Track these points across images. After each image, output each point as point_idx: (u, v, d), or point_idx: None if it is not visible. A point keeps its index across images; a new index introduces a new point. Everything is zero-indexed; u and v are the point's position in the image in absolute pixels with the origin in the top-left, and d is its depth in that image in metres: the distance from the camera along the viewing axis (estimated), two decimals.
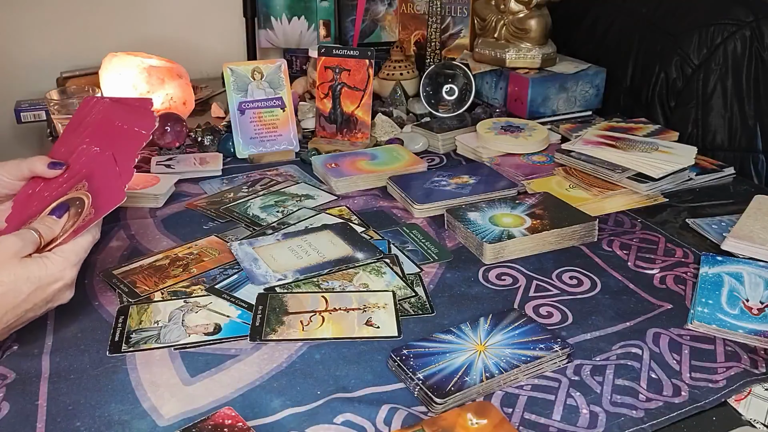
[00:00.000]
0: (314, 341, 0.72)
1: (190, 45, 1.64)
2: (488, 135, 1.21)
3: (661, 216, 0.99)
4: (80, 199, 0.74)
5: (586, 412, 0.63)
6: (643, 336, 0.73)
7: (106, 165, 0.77)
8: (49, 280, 0.66)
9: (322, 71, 1.26)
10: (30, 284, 0.65)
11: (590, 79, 1.37)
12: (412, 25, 1.59)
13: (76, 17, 1.54)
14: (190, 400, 0.64)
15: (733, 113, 1.23)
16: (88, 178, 0.77)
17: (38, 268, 0.66)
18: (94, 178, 0.77)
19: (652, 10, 1.38)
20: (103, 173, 0.77)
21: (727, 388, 0.65)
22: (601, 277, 0.84)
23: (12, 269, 0.64)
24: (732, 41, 1.22)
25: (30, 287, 0.65)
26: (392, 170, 1.11)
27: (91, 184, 0.76)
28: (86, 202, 0.74)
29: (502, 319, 0.73)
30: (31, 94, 1.45)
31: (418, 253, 0.89)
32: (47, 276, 0.66)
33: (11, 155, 0.81)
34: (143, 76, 1.28)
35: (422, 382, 0.64)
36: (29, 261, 0.66)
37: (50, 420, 0.61)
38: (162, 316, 0.75)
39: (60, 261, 0.67)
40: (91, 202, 0.74)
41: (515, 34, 1.38)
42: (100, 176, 0.77)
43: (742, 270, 0.82)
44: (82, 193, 0.75)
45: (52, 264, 0.67)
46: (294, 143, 1.23)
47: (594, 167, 1.09)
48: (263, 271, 0.83)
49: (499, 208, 0.96)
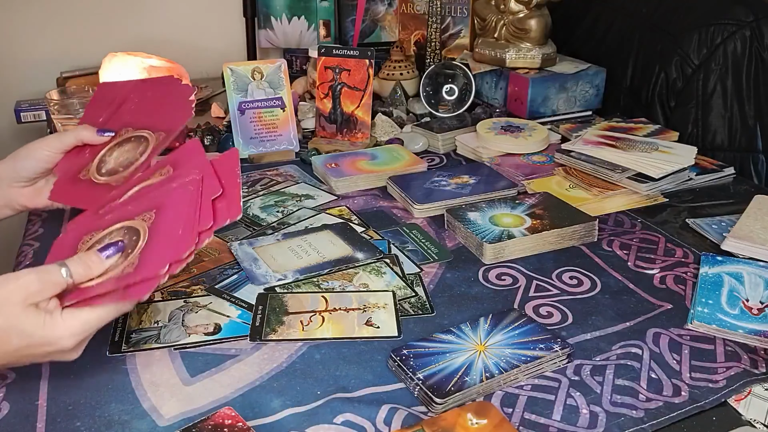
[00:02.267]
0: (314, 341, 0.72)
1: (190, 45, 1.64)
2: (488, 135, 1.21)
3: (661, 216, 0.99)
4: (137, 234, 0.65)
5: (586, 412, 0.63)
6: (643, 336, 0.73)
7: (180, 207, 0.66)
8: (41, 341, 0.59)
9: (322, 71, 1.26)
10: (20, 339, 0.58)
11: (590, 79, 1.37)
12: (412, 25, 1.59)
13: (76, 17, 1.54)
14: (190, 400, 0.64)
15: (733, 113, 1.23)
16: (159, 210, 0.67)
17: (35, 325, 0.58)
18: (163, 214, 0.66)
19: (652, 10, 1.38)
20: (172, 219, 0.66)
21: (727, 388, 0.65)
22: (601, 277, 0.84)
23: (10, 315, 0.57)
24: (732, 41, 1.22)
25: (20, 342, 0.58)
26: (392, 170, 1.11)
27: (157, 220, 0.66)
28: (139, 243, 0.64)
29: (502, 319, 0.73)
30: (31, 94, 1.45)
31: (418, 253, 0.89)
32: (41, 337, 0.58)
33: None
34: (143, 76, 1.28)
35: (422, 382, 0.64)
36: (31, 312, 0.58)
37: (50, 420, 0.61)
38: (162, 316, 0.75)
39: (62, 328, 0.59)
40: (143, 247, 0.63)
41: (515, 34, 1.38)
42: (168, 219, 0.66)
43: (742, 270, 0.82)
44: (142, 227, 0.66)
45: (51, 327, 0.59)
46: (294, 143, 1.23)
47: (594, 167, 1.09)
48: (263, 271, 0.83)
49: (499, 208, 0.96)
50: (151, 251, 0.63)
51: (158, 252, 0.63)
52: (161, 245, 0.64)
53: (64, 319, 0.59)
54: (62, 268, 0.61)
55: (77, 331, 0.60)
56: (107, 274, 0.63)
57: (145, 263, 0.62)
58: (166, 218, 0.66)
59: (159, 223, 0.66)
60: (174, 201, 0.67)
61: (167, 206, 0.67)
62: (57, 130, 1.20)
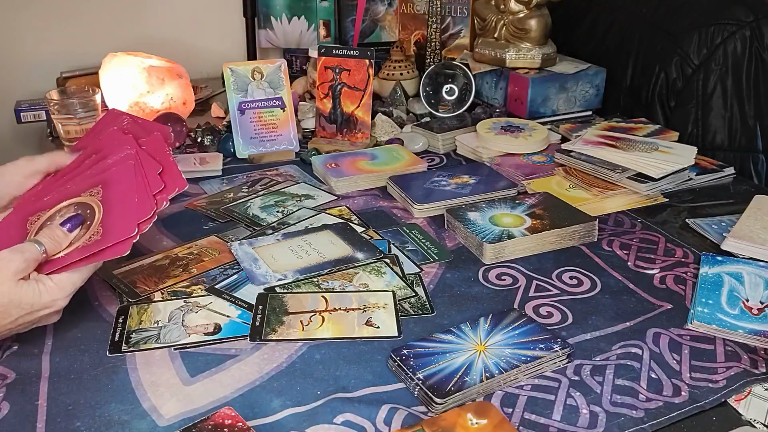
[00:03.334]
0: (314, 341, 0.72)
1: (190, 45, 1.64)
2: (488, 135, 1.21)
3: (661, 216, 0.99)
4: (90, 207, 0.71)
5: (586, 412, 0.63)
6: (643, 336, 0.73)
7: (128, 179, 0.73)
8: (39, 307, 0.66)
9: (322, 71, 1.26)
10: (20, 309, 0.64)
11: (590, 79, 1.37)
12: (412, 25, 1.59)
13: (76, 17, 1.54)
14: (190, 400, 0.64)
15: (733, 113, 1.23)
16: (105, 184, 0.73)
17: (32, 295, 0.65)
18: (111, 187, 0.73)
19: (652, 10, 1.38)
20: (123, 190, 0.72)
21: (727, 388, 0.65)
22: (601, 277, 0.84)
23: (6, 292, 0.63)
24: (732, 41, 1.22)
25: (19, 312, 0.65)
26: (392, 170, 1.11)
27: (107, 193, 0.72)
28: (96, 215, 0.70)
29: (502, 319, 0.73)
30: (31, 94, 1.45)
31: (418, 253, 0.89)
32: (39, 304, 0.65)
33: (11, 155, 0.81)
34: (143, 76, 1.28)
35: (422, 382, 0.64)
36: (25, 286, 0.65)
37: (50, 420, 0.61)
38: (162, 316, 0.75)
39: (55, 291, 0.66)
40: (101, 218, 0.70)
41: (515, 34, 1.38)
42: (118, 191, 0.72)
43: (742, 270, 0.82)
44: (94, 202, 0.72)
45: (47, 293, 0.66)
46: (294, 143, 1.23)
47: (594, 167, 1.09)
48: (263, 271, 0.83)
49: (499, 208, 0.96)
50: (113, 218, 0.70)
51: (120, 217, 0.70)
52: (121, 212, 0.70)
53: (54, 282, 0.66)
54: (35, 244, 0.67)
55: (69, 290, 0.67)
56: (72, 245, 0.69)
57: (110, 229, 0.69)
58: (116, 190, 0.72)
59: (110, 195, 0.72)
60: (118, 175, 0.73)
61: (112, 180, 0.73)
62: (57, 130, 1.20)
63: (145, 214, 0.70)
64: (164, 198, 0.73)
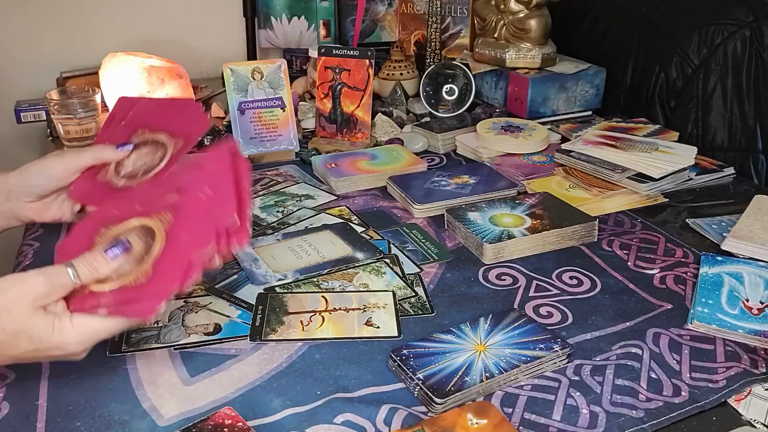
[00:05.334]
0: (314, 341, 0.72)
1: (190, 45, 1.64)
2: (488, 135, 1.21)
3: (661, 216, 0.99)
4: (152, 234, 0.63)
5: (586, 412, 0.63)
6: (643, 336, 0.73)
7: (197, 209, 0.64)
8: (49, 346, 0.59)
9: (322, 71, 1.26)
10: (29, 343, 0.58)
11: (590, 79, 1.37)
12: (412, 25, 1.59)
13: (76, 17, 1.54)
14: (190, 400, 0.64)
15: (733, 113, 1.23)
16: (176, 212, 0.64)
17: (44, 330, 0.58)
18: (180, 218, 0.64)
19: (652, 10, 1.38)
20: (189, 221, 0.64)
21: (727, 388, 0.65)
22: (601, 277, 0.84)
23: (19, 320, 0.57)
24: (732, 41, 1.22)
25: (28, 346, 0.58)
26: (392, 170, 1.11)
27: (175, 223, 0.64)
28: (154, 247, 0.62)
29: (502, 319, 0.73)
30: (31, 94, 1.45)
31: (418, 253, 0.89)
32: (49, 342, 0.59)
33: (11, 155, 0.82)
34: (143, 76, 1.28)
35: (422, 382, 0.64)
36: (41, 316, 0.58)
37: (50, 420, 0.61)
38: (162, 316, 0.75)
39: (70, 334, 0.59)
40: (158, 255, 0.61)
41: (515, 34, 1.38)
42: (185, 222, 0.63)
43: (742, 270, 0.82)
44: (158, 229, 0.63)
45: (60, 333, 0.59)
46: (294, 143, 1.23)
47: (594, 167, 1.09)
48: (263, 271, 0.83)
49: (499, 208, 0.96)
50: (165, 261, 0.62)
51: (171, 264, 0.61)
52: (175, 257, 0.62)
53: (73, 325, 0.59)
54: (69, 268, 0.60)
55: (86, 338, 0.60)
56: (119, 279, 0.61)
57: (158, 275, 0.61)
58: (181, 223, 0.64)
59: (176, 231, 0.64)
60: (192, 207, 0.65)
61: (184, 211, 0.65)
62: (57, 130, 1.20)
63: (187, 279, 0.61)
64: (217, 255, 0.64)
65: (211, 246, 0.63)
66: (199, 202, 0.65)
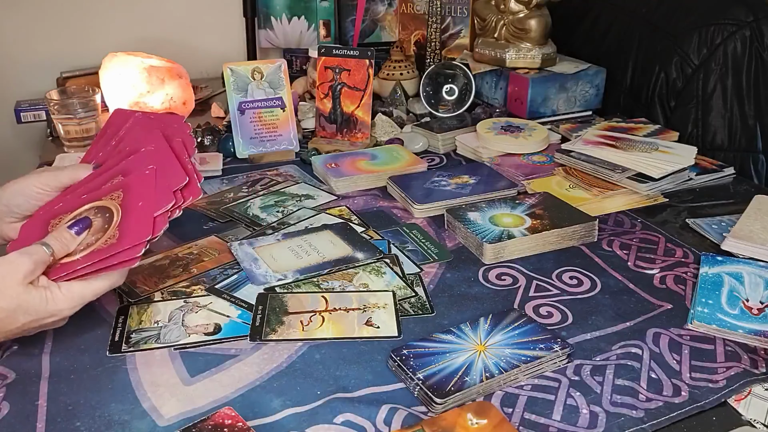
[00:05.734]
0: (314, 341, 0.72)
1: (190, 45, 1.64)
2: (488, 135, 1.21)
3: (661, 216, 0.99)
4: (109, 211, 0.70)
5: (586, 412, 0.63)
6: (643, 336, 0.73)
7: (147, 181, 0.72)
8: (46, 314, 0.65)
9: (322, 71, 1.26)
10: (27, 316, 0.64)
11: (590, 79, 1.37)
12: (412, 25, 1.59)
13: (76, 17, 1.54)
14: (190, 400, 0.64)
15: (733, 113, 1.23)
16: (126, 189, 0.72)
17: (39, 302, 0.64)
18: (132, 192, 0.71)
19: (652, 10, 1.38)
20: (142, 191, 0.71)
21: (727, 388, 0.65)
22: (601, 277, 0.84)
23: (15, 296, 0.63)
24: (732, 41, 1.22)
25: (26, 318, 0.64)
26: (392, 170, 1.11)
27: (127, 197, 0.71)
28: (114, 218, 0.69)
29: (502, 319, 0.73)
30: (31, 94, 1.45)
31: (418, 253, 0.89)
32: (45, 311, 0.65)
33: (11, 155, 0.81)
34: (143, 76, 1.28)
35: (422, 382, 0.64)
36: (33, 291, 0.64)
37: (50, 420, 0.61)
38: (162, 316, 0.75)
39: (63, 301, 0.65)
40: (119, 222, 0.69)
41: (515, 34, 1.38)
42: (138, 193, 0.71)
43: (742, 270, 0.82)
44: (113, 205, 0.70)
45: (54, 302, 0.65)
46: (294, 143, 1.23)
47: (594, 167, 1.09)
48: (263, 271, 0.83)
49: (499, 208, 0.96)
50: (129, 223, 0.69)
51: (136, 224, 0.68)
52: (138, 218, 0.69)
53: (63, 292, 0.65)
54: (43, 246, 0.66)
55: (76, 302, 0.66)
56: (89, 248, 0.67)
57: (125, 234, 0.68)
58: (135, 195, 0.71)
59: (129, 200, 0.70)
60: (139, 179, 0.72)
61: (133, 185, 0.72)
62: (57, 130, 1.20)
63: (157, 229, 0.69)
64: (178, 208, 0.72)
65: (173, 204, 0.71)
66: (147, 176, 0.72)
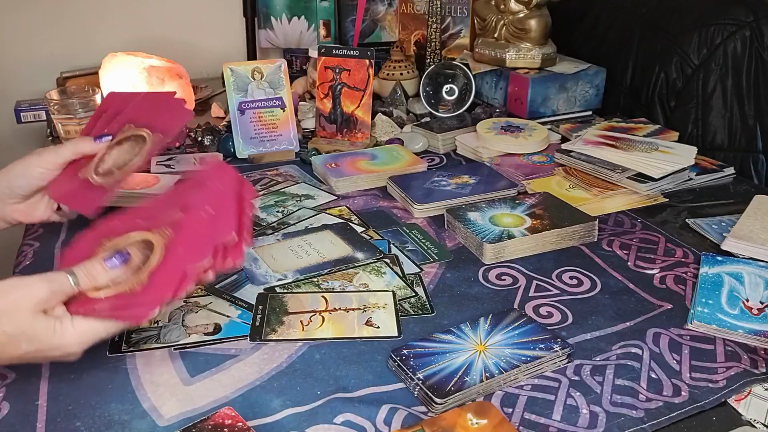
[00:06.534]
0: (314, 341, 0.72)
1: (190, 45, 1.64)
2: (488, 135, 1.21)
3: (661, 216, 0.99)
4: (152, 248, 0.65)
5: (586, 412, 0.63)
6: (643, 336, 0.73)
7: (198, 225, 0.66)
8: (50, 346, 0.60)
9: (322, 71, 1.26)
10: (30, 344, 0.60)
11: (590, 79, 1.37)
12: (412, 25, 1.59)
13: (76, 17, 1.54)
14: (190, 400, 0.64)
15: (733, 113, 1.23)
16: (177, 228, 0.66)
17: (45, 332, 0.60)
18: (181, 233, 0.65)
19: (652, 10, 1.38)
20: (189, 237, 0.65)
21: (727, 388, 0.65)
22: (601, 277, 0.84)
23: (20, 322, 0.59)
24: (732, 41, 1.22)
25: (29, 347, 0.60)
26: (392, 170, 1.11)
27: (174, 238, 0.65)
28: (150, 261, 0.64)
29: (502, 319, 0.73)
30: (31, 94, 1.45)
31: (418, 253, 0.89)
32: (50, 344, 0.60)
33: (11, 155, 0.81)
34: (143, 76, 1.28)
35: (422, 382, 0.64)
36: (41, 319, 0.59)
37: (50, 420, 0.61)
38: (162, 316, 0.75)
39: (71, 335, 0.61)
40: (154, 266, 0.63)
41: (515, 34, 1.38)
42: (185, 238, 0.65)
43: (742, 270, 0.82)
44: (158, 243, 0.65)
45: (62, 335, 0.60)
46: (294, 143, 1.23)
47: (594, 167, 1.09)
48: (263, 271, 0.83)
49: (499, 208, 0.96)
50: (162, 272, 0.63)
51: (166, 276, 0.63)
52: (171, 269, 0.64)
53: (74, 326, 0.61)
54: (69, 275, 0.62)
55: (85, 339, 0.62)
56: (115, 287, 0.63)
57: (152, 284, 0.63)
58: (182, 239, 0.66)
59: (175, 243, 0.65)
60: (193, 224, 0.66)
61: (185, 228, 0.66)
62: (57, 130, 1.20)
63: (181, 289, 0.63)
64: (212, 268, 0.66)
65: (207, 261, 0.64)
66: (200, 220, 0.66)
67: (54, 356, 0.62)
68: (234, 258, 0.66)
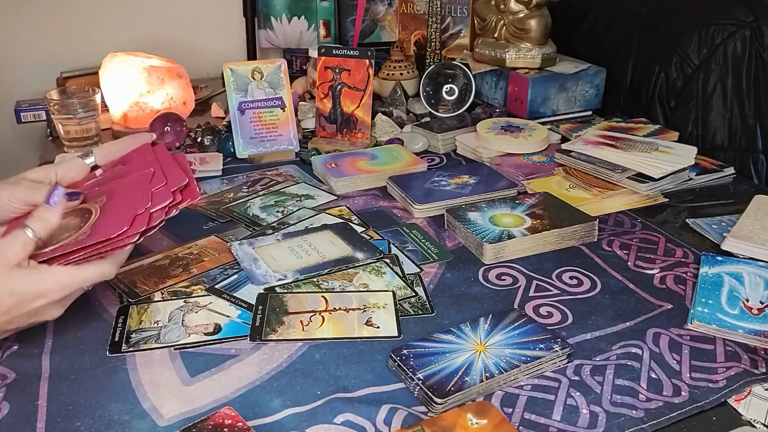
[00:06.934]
0: (314, 341, 0.72)
1: (190, 45, 1.64)
2: (488, 135, 1.21)
3: (661, 216, 0.99)
4: (89, 212, 0.70)
5: (586, 412, 0.63)
6: (643, 336, 0.73)
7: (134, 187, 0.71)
8: (31, 296, 0.63)
9: (322, 71, 1.26)
10: (12, 297, 0.62)
11: (590, 79, 1.37)
12: (412, 25, 1.59)
13: (76, 17, 1.54)
14: (190, 400, 0.64)
15: (733, 113, 1.23)
16: (110, 194, 0.72)
17: (22, 282, 0.62)
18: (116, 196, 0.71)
19: (652, 10, 1.38)
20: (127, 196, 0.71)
21: (727, 388, 0.65)
22: (601, 277, 0.84)
23: (1, 280, 0.61)
24: (732, 41, 1.22)
25: (11, 300, 0.62)
26: (392, 170, 1.11)
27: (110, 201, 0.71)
28: (90, 218, 0.68)
29: (502, 319, 0.73)
30: (31, 94, 1.45)
31: (418, 253, 0.89)
32: (30, 292, 0.62)
33: (11, 155, 0.81)
34: (143, 76, 1.28)
35: (422, 382, 0.64)
36: (17, 272, 0.62)
37: (50, 420, 0.61)
38: (162, 316, 0.75)
39: (48, 280, 0.63)
40: (95, 220, 0.68)
41: (515, 34, 1.38)
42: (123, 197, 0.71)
43: (742, 270, 0.82)
44: (94, 207, 0.70)
45: (39, 281, 0.63)
46: (294, 143, 1.23)
47: (594, 167, 1.09)
48: (263, 271, 0.83)
49: (499, 208, 0.96)
50: (103, 221, 0.68)
51: (110, 219, 0.67)
52: (113, 215, 0.68)
53: (48, 272, 0.64)
54: (25, 229, 0.64)
55: (65, 283, 0.64)
56: (62, 240, 0.67)
57: (97, 229, 0.67)
58: (120, 197, 0.71)
59: (110, 202, 0.70)
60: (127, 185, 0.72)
61: (119, 190, 0.72)
62: (57, 130, 1.20)
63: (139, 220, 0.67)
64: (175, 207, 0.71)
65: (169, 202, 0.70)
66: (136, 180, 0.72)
67: (38, 309, 0.64)
68: (191, 196, 0.72)
